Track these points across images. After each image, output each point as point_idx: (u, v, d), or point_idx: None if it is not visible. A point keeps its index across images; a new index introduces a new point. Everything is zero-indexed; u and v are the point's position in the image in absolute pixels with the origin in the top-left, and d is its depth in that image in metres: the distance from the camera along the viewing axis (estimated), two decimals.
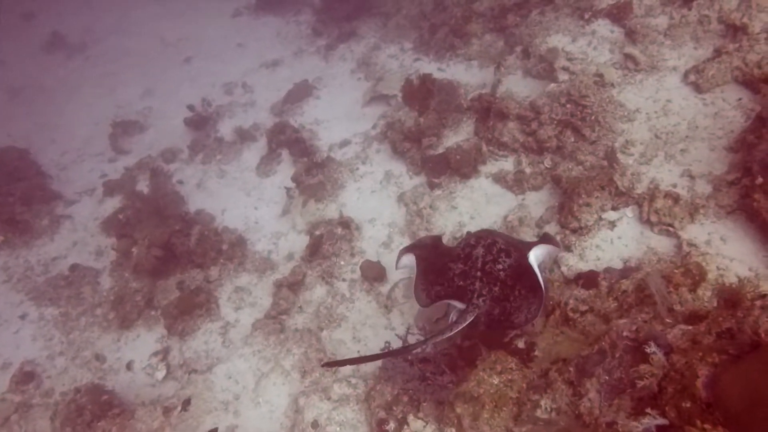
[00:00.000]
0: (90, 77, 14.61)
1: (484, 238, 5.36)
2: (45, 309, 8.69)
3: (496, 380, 4.71)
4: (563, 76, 7.87)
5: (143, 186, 10.00)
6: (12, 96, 14.74)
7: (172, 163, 10.72)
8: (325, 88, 11.30)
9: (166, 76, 13.66)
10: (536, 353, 5.27)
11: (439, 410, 4.99)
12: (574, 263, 5.89)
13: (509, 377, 4.72)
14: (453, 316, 5.04)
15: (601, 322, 5.03)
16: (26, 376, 7.75)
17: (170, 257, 8.16)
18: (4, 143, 11.81)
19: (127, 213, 8.85)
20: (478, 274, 5.09)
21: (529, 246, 5.31)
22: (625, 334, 4.38)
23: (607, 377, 4.33)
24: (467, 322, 4.85)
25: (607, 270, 5.52)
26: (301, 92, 11.08)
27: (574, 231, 6.19)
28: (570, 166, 6.91)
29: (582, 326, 5.17)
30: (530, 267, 5.04)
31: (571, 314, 5.29)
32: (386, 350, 5.38)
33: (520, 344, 5.55)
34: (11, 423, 7.32)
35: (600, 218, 6.08)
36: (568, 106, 7.32)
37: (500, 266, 5.12)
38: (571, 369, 4.67)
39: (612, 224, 6.00)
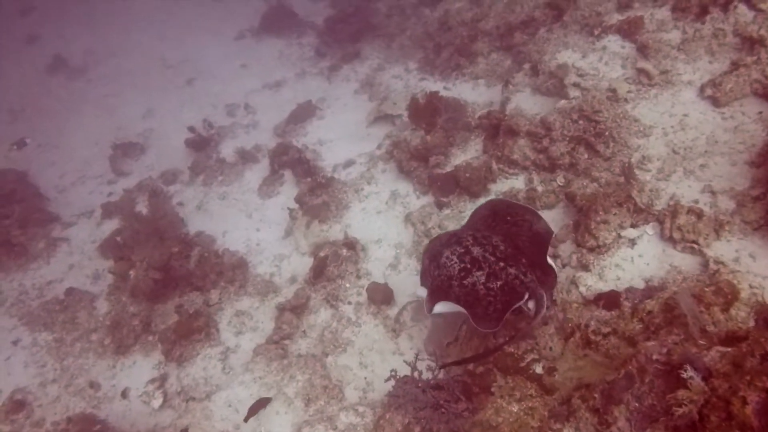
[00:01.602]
0: (91, 99, 14.48)
1: (458, 240, 5.23)
2: (38, 334, 8.39)
3: (515, 408, 4.39)
4: (574, 93, 7.66)
5: (143, 208, 9.75)
6: (12, 117, 14.60)
7: (172, 184, 10.50)
8: (329, 108, 11.13)
9: (168, 97, 13.52)
10: (556, 378, 4.97)
11: None
12: (593, 283, 5.60)
13: (529, 404, 4.40)
14: (530, 305, 4.98)
15: (626, 344, 4.73)
16: (16, 405, 7.42)
17: (169, 280, 7.87)
18: (1, 165, 11.61)
19: (125, 235, 8.59)
20: (501, 264, 5.00)
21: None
22: (654, 357, 4.09)
23: (637, 404, 4.02)
24: (547, 297, 4.97)
25: (629, 290, 5.24)
26: (305, 113, 10.91)
27: (591, 250, 5.90)
28: (584, 183, 6.66)
29: (605, 349, 4.87)
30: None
31: (592, 337, 5.00)
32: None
33: (538, 369, 5.26)
34: None
35: (619, 236, 5.80)
36: (581, 122, 7.10)
37: (501, 246, 5.17)
38: (596, 395, 4.37)
39: (632, 242, 5.72)
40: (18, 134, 13.86)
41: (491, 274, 4.97)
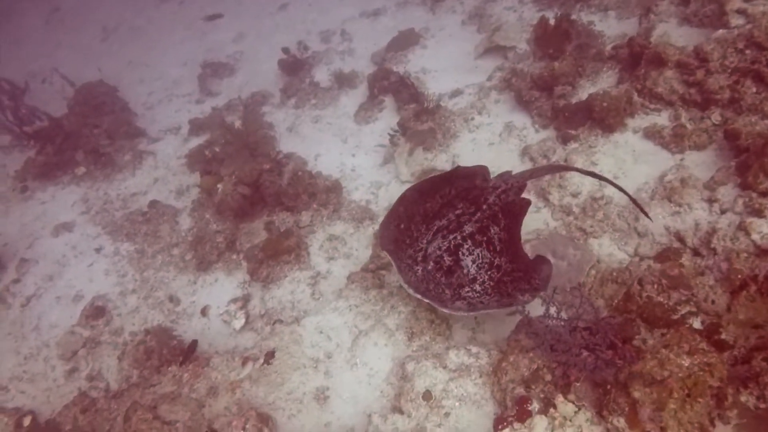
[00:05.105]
0: (182, 21, 14.08)
1: (450, 248, 4.86)
2: (121, 244, 8.09)
3: (686, 362, 3.56)
4: (737, 21, 6.54)
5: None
6: (106, 35, 14.46)
7: (262, 106, 9.96)
8: (433, 38, 10.23)
9: (260, 22, 12.94)
10: (723, 336, 4.09)
11: (597, 394, 3.89)
12: None
13: (705, 360, 3.56)
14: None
15: None
16: (97, 311, 7.14)
17: (258, 198, 7.34)
18: (94, 78, 11.39)
19: (214, 148, 8.10)
20: (483, 206, 5.04)
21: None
22: None
23: None
24: None
25: None
26: (407, 40, 10.07)
27: (765, 194, 4.92)
28: (752, 120, 5.61)
29: None
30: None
31: None
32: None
33: (696, 323, 4.39)
34: (78, 357, 6.72)
35: None
36: (749, 51, 6.03)
37: (459, 209, 5.11)
38: None
39: None
40: (109, 53, 13.73)
41: (488, 220, 4.96)
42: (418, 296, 4.57)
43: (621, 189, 5.14)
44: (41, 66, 13.24)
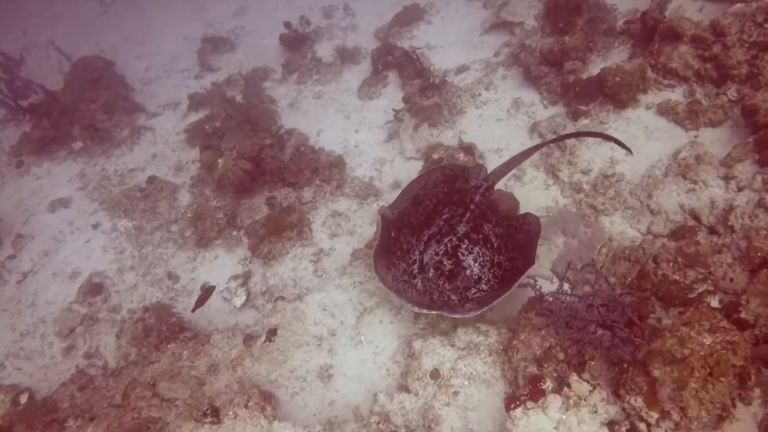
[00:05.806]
0: None
1: (451, 249, 4.86)
2: (118, 220, 7.92)
3: (708, 340, 3.42)
4: None
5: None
6: (103, 9, 14.15)
7: (263, 81, 9.73)
8: (438, 14, 9.99)
9: None
10: (742, 315, 3.96)
11: (613, 372, 3.75)
12: None
13: (727, 338, 3.42)
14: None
15: None
16: (94, 288, 7.00)
17: (259, 173, 7.16)
18: (91, 52, 11.14)
19: (215, 123, 7.90)
20: (472, 206, 5.06)
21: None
22: None
23: None
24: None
25: None
26: (411, 16, 9.83)
27: None
28: None
29: None
30: None
31: None
32: None
33: (714, 302, 4.26)
34: (76, 335, 6.59)
35: None
36: None
37: (445, 217, 5.15)
38: None
39: None
40: (106, 27, 13.43)
41: (479, 219, 4.99)
42: (424, 311, 4.43)
43: (589, 134, 5.72)
44: (39, 39, 12.95)
